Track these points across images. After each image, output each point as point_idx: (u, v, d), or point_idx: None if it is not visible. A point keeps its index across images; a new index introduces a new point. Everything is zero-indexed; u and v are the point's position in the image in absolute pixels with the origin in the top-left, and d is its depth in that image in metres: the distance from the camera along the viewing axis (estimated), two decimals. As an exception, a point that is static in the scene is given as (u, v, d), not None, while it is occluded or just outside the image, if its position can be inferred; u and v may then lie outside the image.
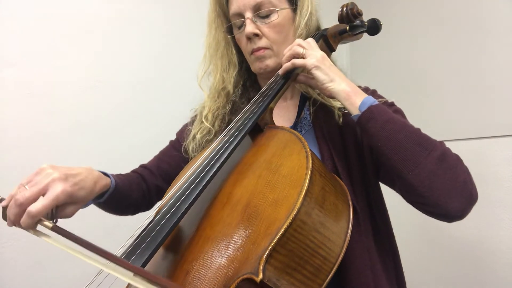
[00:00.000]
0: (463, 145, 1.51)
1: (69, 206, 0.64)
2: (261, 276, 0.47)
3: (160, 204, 0.71)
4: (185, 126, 1.01)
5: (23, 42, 1.37)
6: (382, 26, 0.83)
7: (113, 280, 0.61)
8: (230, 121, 0.88)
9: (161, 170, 0.96)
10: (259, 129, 0.79)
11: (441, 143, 0.69)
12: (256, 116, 0.76)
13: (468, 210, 0.66)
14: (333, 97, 0.75)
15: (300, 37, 0.86)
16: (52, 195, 0.58)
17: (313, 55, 0.75)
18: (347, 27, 0.85)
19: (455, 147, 0.70)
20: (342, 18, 0.88)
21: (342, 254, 0.58)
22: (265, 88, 0.83)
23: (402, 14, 1.85)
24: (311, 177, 0.56)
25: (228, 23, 0.91)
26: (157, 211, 0.68)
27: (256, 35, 0.84)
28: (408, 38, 1.82)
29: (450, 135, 1.53)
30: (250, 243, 0.54)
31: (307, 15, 0.87)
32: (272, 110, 0.82)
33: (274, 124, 0.81)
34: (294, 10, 0.88)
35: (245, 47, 0.88)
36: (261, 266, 0.48)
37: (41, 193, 0.59)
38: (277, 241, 0.50)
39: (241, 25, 0.87)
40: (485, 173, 1.42)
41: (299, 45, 0.77)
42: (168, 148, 1.01)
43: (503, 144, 1.40)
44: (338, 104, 0.84)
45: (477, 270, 1.46)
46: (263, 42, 0.84)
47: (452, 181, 0.65)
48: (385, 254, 0.78)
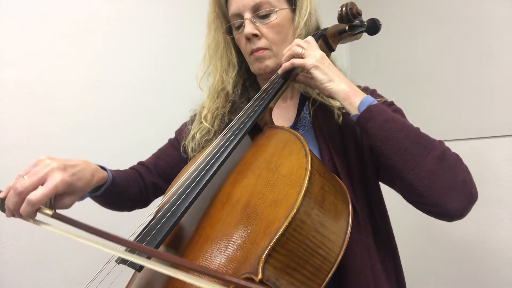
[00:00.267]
0: (463, 145, 1.51)
1: (67, 197, 0.64)
2: (260, 276, 0.47)
3: (160, 204, 0.71)
4: (184, 125, 1.02)
5: (23, 42, 1.37)
6: (382, 25, 0.83)
7: (112, 280, 0.61)
8: (230, 120, 0.88)
9: (158, 168, 0.96)
10: (258, 128, 0.79)
11: (440, 142, 0.69)
12: (256, 116, 0.76)
13: (468, 209, 0.66)
14: (332, 97, 0.75)
15: (300, 37, 0.86)
16: (52, 183, 0.59)
17: (312, 55, 0.75)
18: (347, 27, 0.85)
19: (455, 147, 0.70)
20: (342, 18, 0.88)
21: (342, 253, 0.58)
22: (264, 88, 0.83)
23: (402, 14, 1.85)
24: (310, 177, 0.56)
25: (228, 23, 0.91)
26: (157, 211, 0.68)
27: (255, 35, 0.84)
28: (408, 38, 1.82)
29: (450, 135, 1.53)
30: (250, 242, 0.54)
31: (306, 15, 0.87)
32: (271, 110, 0.82)
33: (274, 124, 0.81)
34: (293, 10, 0.88)
35: (245, 47, 0.88)
36: (261, 266, 0.48)
37: (40, 182, 0.59)
38: (276, 240, 0.50)
39: (240, 25, 0.87)
40: (485, 173, 1.42)
41: (298, 45, 0.77)
42: (167, 146, 1.01)
43: (503, 144, 1.40)
44: (337, 103, 0.84)
45: (477, 270, 1.46)
46: (262, 43, 0.84)
47: (452, 180, 0.64)
48: (384, 253, 0.78)
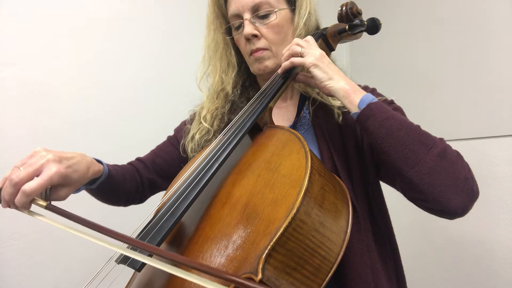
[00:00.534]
0: (463, 145, 1.51)
1: (62, 188, 0.64)
2: (260, 276, 0.47)
3: (160, 203, 0.71)
4: (183, 123, 1.01)
5: (23, 42, 1.37)
6: (382, 25, 0.83)
7: (112, 280, 0.61)
8: (230, 120, 0.87)
9: (155, 165, 0.96)
10: (258, 128, 0.79)
11: (441, 139, 0.69)
12: (256, 116, 0.76)
13: (469, 206, 0.66)
14: (332, 95, 0.75)
15: (299, 37, 0.85)
16: (47, 175, 0.59)
17: (311, 53, 0.75)
18: (347, 27, 0.85)
19: (455, 147, 0.70)
20: (342, 17, 0.88)
21: (342, 253, 0.58)
22: (264, 87, 0.83)
23: (402, 14, 1.84)
24: (310, 177, 0.56)
25: (227, 24, 0.91)
26: (156, 210, 0.68)
27: (255, 36, 0.84)
28: (408, 38, 1.82)
29: (450, 135, 1.53)
30: (249, 242, 0.54)
31: (306, 15, 0.87)
32: (271, 109, 0.82)
33: (274, 124, 0.81)
34: (292, 11, 0.88)
35: (244, 48, 0.87)
36: (260, 266, 0.48)
37: (36, 174, 0.60)
38: (276, 240, 0.50)
39: (240, 26, 0.86)
40: (485, 173, 1.42)
41: (298, 44, 0.77)
42: (165, 143, 1.01)
43: (503, 144, 1.40)
44: (337, 103, 0.84)
45: (477, 270, 1.46)
46: (262, 43, 0.84)
47: (453, 177, 0.64)
48: (385, 253, 0.78)
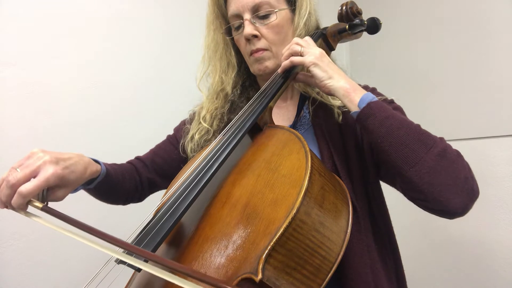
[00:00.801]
0: (463, 145, 1.51)
1: (59, 189, 0.65)
2: (260, 276, 0.47)
3: (159, 203, 0.71)
4: (183, 123, 1.01)
5: (23, 42, 1.37)
6: (382, 25, 0.83)
7: (112, 280, 0.61)
8: (229, 120, 0.87)
9: (155, 164, 0.97)
10: (258, 128, 0.79)
11: (441, 139, 0.68)
12: (256, 115, 0.76)
13: (470, 206, 0.66)
14: (332, 94, 0.75)
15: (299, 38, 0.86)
16: (43, 176, 0.60)
17: (311, 52, 0.75)
18: (347, 26, 0.85)
19: (455, 147, 0.70)
20: (342, 17, 0.88)
21: (342, 253, 0.58)
22: (264, 87, 0.83)
23: (402, 13, 1.84)
24: (310, 177, 0.56)
25: (227, 24, 0.90)
26: (156, 211, 0.68)
27: (255, 36, 0.83)
28: (408, 37, 1.82)
29: (450, 135, 1.52)
30: (249, 242, 0.53)
31: (306, 15, 0.87)
32: (271, 109, 0.82)
33: (274, 124, 0.81)
34: (292, 11, 0.88)
35: (244, 48, 0.87)
36: (261, 266, 0.48)
37: (33, 175, 0.60)
38: (276, 240, 0.50)
39: (240, 26, 0.86)
40: (485, 173, 1.42)
41: (297, 44, 0.77)
42: (165, 142, 1.01)
43: (503, 144, 1.40)
44: (337, 102, 0.84)
45: (477, 270, 1.46)
46: (262, 43, 0.84)
47: (453, 177, 0.64)
48: (385, 252, 0.78)
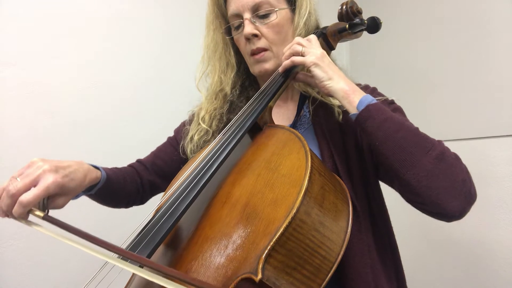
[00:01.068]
0: (463, 145, 1.51)
1: (59, 198, 0.65)
2: (260, 276, 0.47)
3: (159, 203, 0.71)
4: (182, 124, 1.01)
5: (23, 42, 1.37)
6: (382, 24, 0.83)
7: (111, 280, 0.61)
8: (229, 120, 0.87)
9: (155, 166, 0.97)
10: (258, 128, 0.79)
11: (439, 142, 0.68)
12: (256, 115, 0.76)
13: (467, 210, 0.66)
14: (331, 95, 0.75)
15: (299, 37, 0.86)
16: (43, 185, 0.60)
17: (312, 52, 0.75)
18: (347, 25, 0.85)
19: (455, 147, 0.70)
20: (342, 16, 0.88)
21: (342, 253, 0.58)
22: (264, 86, 0.83)
23: (402, 13, 1.84)
24: (310, 177, 0.56)
25: (227, 24, 0.90)
26: (156, 210, 0.67)
27: (255, 35, 0.83)
28: (408, 37, 1.82)
29: (450, 135, 1.53)
30: (249, 242, 0.53)
31: (306, 15, 0.86)
32: (271, 109, 0.82)
33: (274, 123, 0.81)
34: (292, 10, 0.88)
35: (244, 48, 0.87)
36: (260, 266, 0.47)
37: (33, 184, 0.60)
38: (276, 240, 0.50)
39: (240, 26, 0.86)
40: (485, 173, 1.42)
41: (299, 43, 0.77)
42: (165, 144, 1.01)
43: (503, 144, 1.39)
44: (337, 102, 0.84)
45: (476, 270, 1.46)
46: (262, 43, 0.84)
47: (450, 180, 0.64)
48: (385, 252, 0.78)
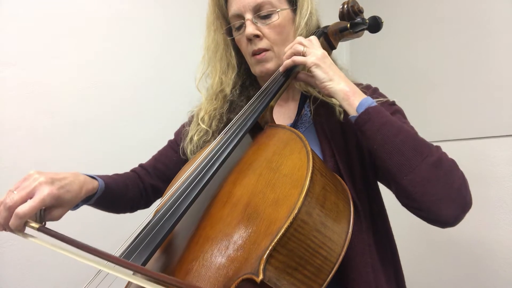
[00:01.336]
0: (463, 145, 1.50)
1: (56, 209, 0.66)
2: (261, 276, 0.46)
3: (158, 205, 0.71)
4: (182, 126, 1.01)
5: (23, 42, 1.37)
6: (383, 23, 0.83)
7: (112, 280, 0.60)
8: (229, 120, 0.87)
9: (157, 170, 0.97)
10: (259, 127, 0.79)
11: (437, 148, 0.68)
12: (257, 115, 0.75)
13: (461, 217, 0.66)
14: (331, 96, 0.75)
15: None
16: (39, 197, 0.61)
17: (313, 53, 0.75)
18: (348, 25, 0.85)
19: (455, 147, 0.70)
20: (343, 16, 0.88)
21: (343, 253, 0.58)
22: (265, 86, 0.82)
23: (403, 12, 1.84)
24: (312, 177, 0.56)
25: (227, 25, 0.90)
26: (156, 211, 0.67)
27: (257, 36, 0.83)
28: (409, 36, 1.82)
29: (450, 135, 1.53)
30: (250, 243, 0.53)
31: (307, 15, 0.86)
32: (272, 108, 0.81)
33: (275, 123, 0.81)
34: (293, 11, 0.88)
35: (245, 48, 0.87)
36: (262, 266, 0.47)
37: (29, 196, 0.61)
38: (277, 241, 0.49)
39: (241, 26, 0.86)
40: (485, 173, 1.41)
41: (300, 43, 0.77)
42: (166, 148, 1.02)
43: (503, 144, 1.39)
44: (338, 102, 0.84)
45: (476, 270, 1.46)
46: (263, 43, 0.84)
47: (446, 187, 0.64)
48: (384, 253, 0.78)
